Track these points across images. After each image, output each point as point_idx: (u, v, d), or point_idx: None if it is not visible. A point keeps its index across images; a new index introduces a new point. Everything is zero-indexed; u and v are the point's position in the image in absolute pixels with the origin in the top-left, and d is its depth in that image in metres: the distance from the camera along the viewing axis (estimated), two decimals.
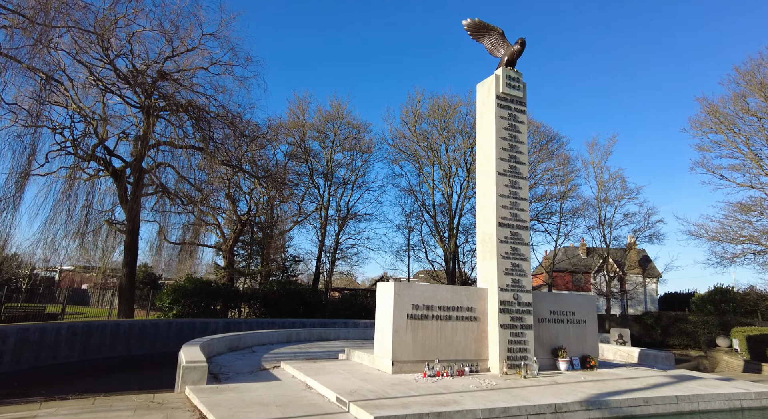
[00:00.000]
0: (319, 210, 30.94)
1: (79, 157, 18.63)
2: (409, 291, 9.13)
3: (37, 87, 15.53)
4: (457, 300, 9.56)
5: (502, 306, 9.59)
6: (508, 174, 10.36)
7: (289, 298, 23.90)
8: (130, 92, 18.27)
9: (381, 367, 9.03)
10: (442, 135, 30.33)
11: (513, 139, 10.60)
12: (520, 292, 9.91)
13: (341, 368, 9.30)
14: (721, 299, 27.30)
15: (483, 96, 10.95)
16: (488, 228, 10.10)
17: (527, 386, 7.98)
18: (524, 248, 10.17)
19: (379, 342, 9.27)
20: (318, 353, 12.85)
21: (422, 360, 8.91)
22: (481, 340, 9.63)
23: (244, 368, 9.81)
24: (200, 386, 7.50)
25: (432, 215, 30.83)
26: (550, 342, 10.38)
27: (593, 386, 8.19)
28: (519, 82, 10.89)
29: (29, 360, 13.55)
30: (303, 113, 31.29)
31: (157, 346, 17.92)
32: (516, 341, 9.58)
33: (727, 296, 27.31)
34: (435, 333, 9.19)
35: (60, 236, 18.39)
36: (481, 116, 10.92)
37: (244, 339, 13.36)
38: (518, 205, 10.33)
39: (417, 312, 9.10)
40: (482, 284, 10.07)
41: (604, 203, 29.54)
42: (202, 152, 18.91)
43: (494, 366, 9.42)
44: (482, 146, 10.73)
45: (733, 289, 28.34)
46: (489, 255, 9.97)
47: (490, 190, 10.22)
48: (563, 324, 10.71)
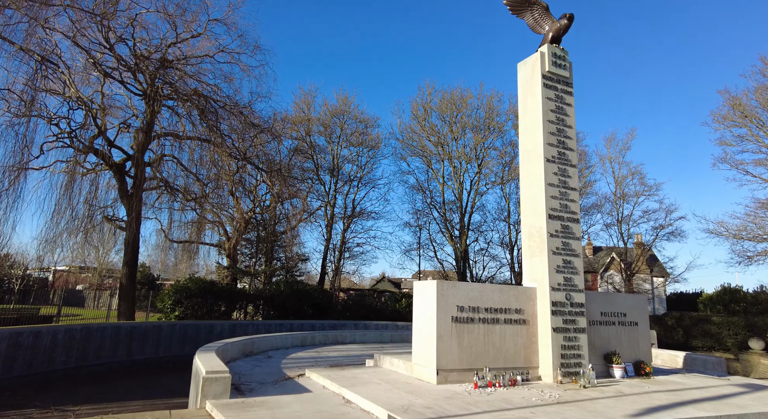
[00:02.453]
0: (324, 207, 29.91)
1: (77, 149, 17.48)
2: (453, 291, 8.13)
3: (31, 72, 14.41)
4: (505, 301, 8.57)
5: (554, 308, 8.62)
6: (557, 161, 9.39)
7: (297, 299, 22.84)
8: (131, 78, 17.14)
9: (422, 376, 8.02)
10: (452, 130, 29.35)
11: (561, 122, 9.63)
12: (573, 291, 8.93)
13: (375, 376, 8.28)
14: (730, 300, 26.53)
15: (526, 76, 9.97)
16: (536, 221, 9.12)
17: (595, 398, 7.00)
18: (575, 243, 9.20)
19: (419, 349, 8.26)
20: (339, 358, 11.83)
21: (469, 369, 7.91)
22: (530, 345, 8.64)
23: (266, 377, 8.77)
24: (224, 400, 6.47)
25: (442, 212, 29.85)
26: (601, 346, 9.41)
27: (666, 398, 7.23)
28: (565, 61, 9.92)
29: (23, 367, 12.45)
30: (309, 107, 30.25)
31: (160, 350, 16.83)
32: (569, 346, 8.60)
33: (737, 296, 26.55)
34: (482, 338, 8.20)
35: (55, 235, 17.27)
36: (524, 98, 9.94)
37: (257, 343, 12.31)
38: (568, 195, 9.36)
39: (462, 315, 8.10)
40: (530, 284, 9.08)
41: (621, 200, 28.66)
42: (210, 143, 17.79)
43: (546, 374, 8.44)
44: (526, 131, 9.75)
45: (743, 289, 27.63)
46: (538, 251, 8.99)
47: (537, 178, 9.25)
48: (614, 326, 9.74)
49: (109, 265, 47.76)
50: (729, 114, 23.25)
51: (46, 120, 17.07)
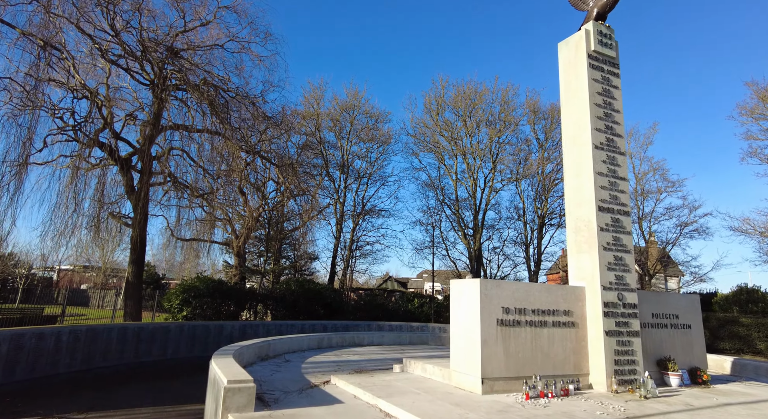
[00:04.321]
0: (334, 205, 29.13)
1: (82, 143, 16.74)
2: (497, 291, 7.33)
3: (33, 61, 13.68)
4: (553, 302, 7.76)
5: (606, 309, 7.80)
6: (605, 148, 8.57)
7: (309, 299, 22.05)
8: (138, 68, 16.38)
9: (463, 385, 7.22)
10: (466, 125, 28.49)
11: (608, 106, 8.82)
12: (625, 291, 8.12)
13: (410, 385, 7.49)
14: (747, 300, 25.54)
15: (569, 56, 9.15)
16: (584, 213, 8.31)
17: (666, 412, 6.19)
18: (626, 238, 8.38)
19: (459, 355, 7.46)
20: (361, 362, 11.05)
21: (516, 377, 7.11)
22: (580, 350, 7.83)
23: (289, 384, 7.99)
24: (248, 413, 5.70)
25: (455, 210, 29.00)
26: (653, 351, 8.59)
27: (747, 412, 6.41)
28: (612, 40, 9.10)
29: (25, 370, 11.73)
30: (318, 102, 29.46)
31: (168, 352, 16.10)
32: (623, 351, 7.78)
33: (754, 296, 25.55)
34: (529, 343, 7.39)
35: (59, 232, 16.55)
36: (567, 80, 9.13)
37: (273, 346, 11.55)
38: (617, 185, 8.54)
39: (508, 317, 7.30)
40: (577, 282, 8.27)
41: (642, 197, 27.74)
42: (220, 136, 16.99)
43: (598, 383, 7.63)
44: (570, 115, 8.93)
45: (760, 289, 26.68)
46: (586, 247, 8.18)
47: (585, 167, 8.43)
48: (667, 329, 8.92)
49: (114, 264, 47.25)
50: (757, 106, 22.32)
51: (49, 114, 16.39)
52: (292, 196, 22.31)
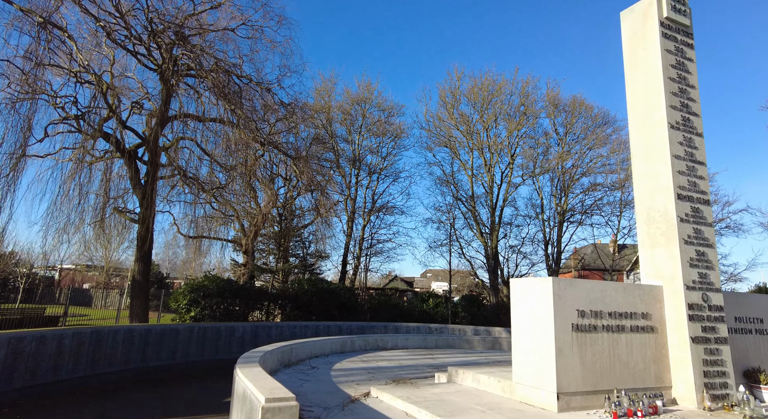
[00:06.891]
0: (345, 201, 28.12)
1: (86, 133, 15.72)
2: (571, 291, 6.30)
3: (32, 41, 12.66)
4: (630, 304, 6.73)
5: (690, 311, 6.77)
6: (682, 128, 7.53)
7: (322, 298, 21.05)
8: (144, 52, 15.36)
9: (531, 401, 6.20)
10: (482, 118, 27.44)
11: (683, 81, 7.77)
12: (710, 291, 7.08)
13: (466, 399, 6.47)
14: None
15: (635, 25, 8.10)
16: (659, 202, 7.27)
17: None
18: (708, 231, 7.34)
19: (524, 365, 6.43)
20: (394, 369, 10.04)
21: (593, 391, 6.09)
22: (660, 359, 6.80)
23: (326, 397, 6.97)
24: None
25: (470, 206, 27.95)
26: (739, 360, 7.53)
27: None
28: (685, 5, 8.05)
29: (25, 378, 10.73)
30: (329, 95, 28.42)
31: (177, 355, 15.10)
32: (712, 361, 6.75)
33: None
34: (606, 352, 6.36)
35: (62, 229, 15.56)
36: (633, 53, 8.08)
37: (296, 351, 10.55)
38: (696, 171, 7.50)
39: (584, 322, 6.27)
40: (652, 281, 7.24)
41: None
42: (232, 126, 15.94)
43: (685, 398, 6.59)
44: (638, 92, 7.89)
45: None
46: (663, 240, 7.14)
47: (659, 150, 7.39)
48: (752, 335, 7.88)
49: (117, 263, 46.25)
50: None
51: (50, 103, 15.39)
52: (308, 190, 21.25)
